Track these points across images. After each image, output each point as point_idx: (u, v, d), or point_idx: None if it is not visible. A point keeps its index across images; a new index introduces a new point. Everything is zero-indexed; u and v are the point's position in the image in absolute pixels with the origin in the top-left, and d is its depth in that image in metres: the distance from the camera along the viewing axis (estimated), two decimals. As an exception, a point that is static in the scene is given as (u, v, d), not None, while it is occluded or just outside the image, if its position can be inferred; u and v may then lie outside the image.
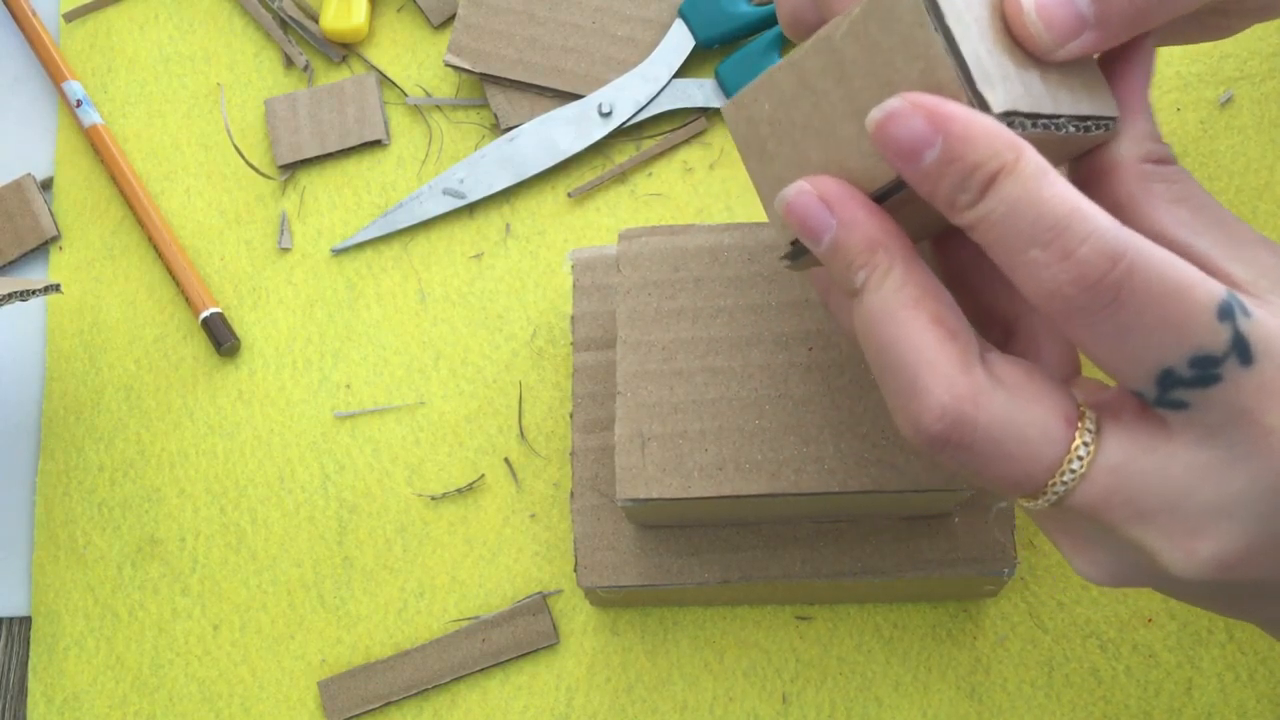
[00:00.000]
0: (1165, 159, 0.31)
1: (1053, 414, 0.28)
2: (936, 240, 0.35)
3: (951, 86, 0.27)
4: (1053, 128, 0.29)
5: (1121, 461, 0.28)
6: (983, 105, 0.27)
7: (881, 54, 0.28)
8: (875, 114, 0.27)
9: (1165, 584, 0.30)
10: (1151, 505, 0.28)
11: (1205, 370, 0.27)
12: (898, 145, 0.27)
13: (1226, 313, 0.27)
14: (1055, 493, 0.29)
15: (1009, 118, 0.28)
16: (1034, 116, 0.29)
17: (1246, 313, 0.27)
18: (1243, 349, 0.27)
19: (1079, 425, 0.29)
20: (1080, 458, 0.28)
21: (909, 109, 0.27)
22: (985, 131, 0.27)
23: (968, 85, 0.27)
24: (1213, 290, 0.27)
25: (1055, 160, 0.29)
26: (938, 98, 0.27)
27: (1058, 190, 0.27)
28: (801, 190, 0.30)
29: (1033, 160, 0.27)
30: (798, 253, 0.32)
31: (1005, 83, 0.28)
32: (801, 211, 0.29)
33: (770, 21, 0.51)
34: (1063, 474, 0.28)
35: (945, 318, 0.29)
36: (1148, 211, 0.30)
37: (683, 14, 0.52)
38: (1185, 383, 0.27)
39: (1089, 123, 0.30)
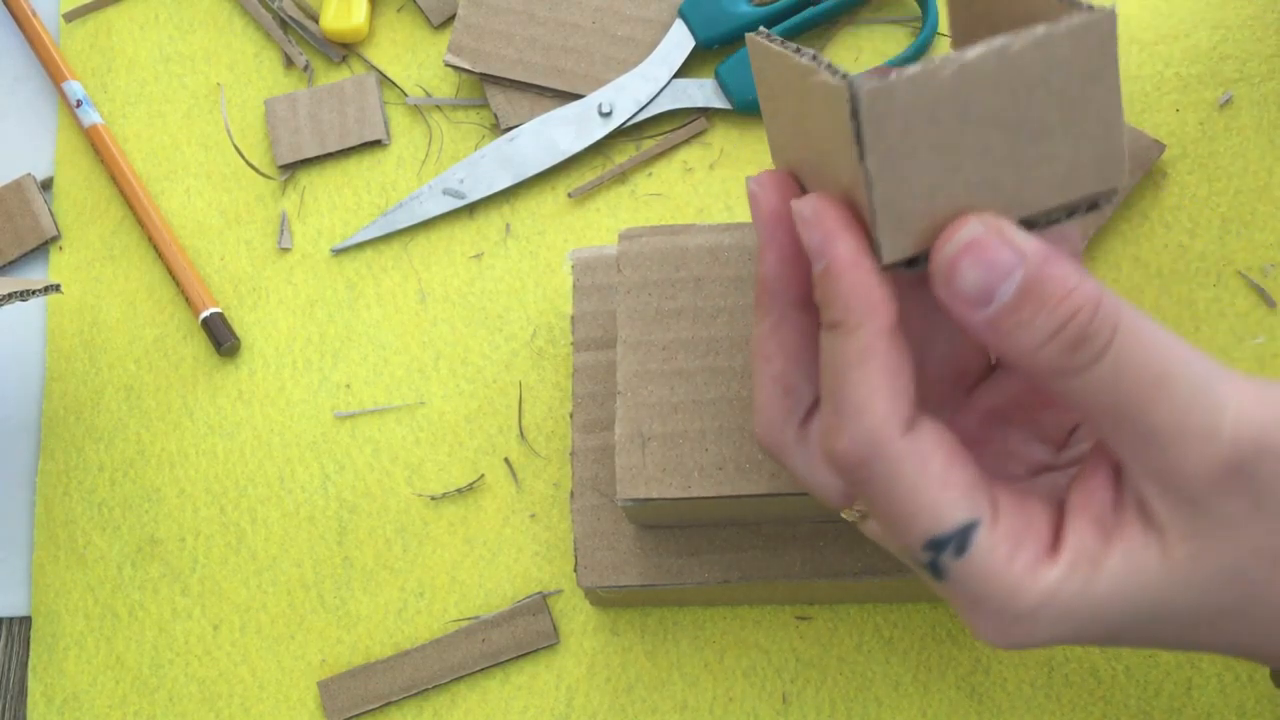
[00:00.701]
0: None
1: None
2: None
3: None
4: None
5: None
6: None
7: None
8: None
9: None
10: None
11: (935, 555, 0.30)
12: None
13: (935, 546, 0.29)
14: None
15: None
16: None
17: (960, 552, 0.29)
18: (937, 571, 0.29)
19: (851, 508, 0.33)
20: (860, 513, 0.33)
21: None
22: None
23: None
24: (931, 527, 0.29)
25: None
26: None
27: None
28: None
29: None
30: (908, 265, 0.30)
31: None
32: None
33: (770, 22, 0.51)
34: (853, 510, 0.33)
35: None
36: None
37: (683, 14, 0.52)
38: (922, 565, 0.30)
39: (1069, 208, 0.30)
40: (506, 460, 0.49)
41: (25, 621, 0.50)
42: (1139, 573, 0.29)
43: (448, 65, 0.52)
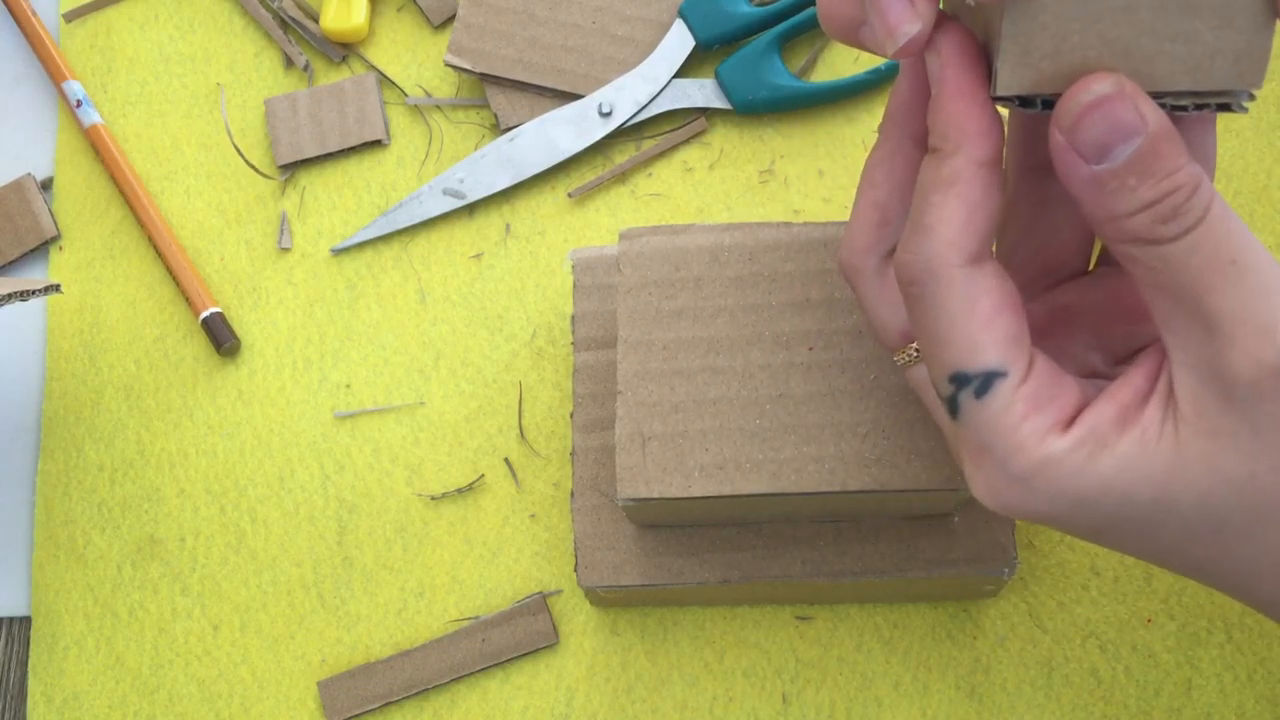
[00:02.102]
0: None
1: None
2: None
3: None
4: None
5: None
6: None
7: None
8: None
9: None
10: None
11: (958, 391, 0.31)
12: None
13: (959, 380, 0.30)
14: (908, 356, 0.33)
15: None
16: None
17: (980, 395, 0.30)
18: (954, 408, 0.30)
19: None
20: (913, 356, 0.33)
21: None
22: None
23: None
24: (959, 361, 0.30)
25: None
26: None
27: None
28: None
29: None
30: (1023, 104, 0.30)
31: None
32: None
33: (770, 21, 0.51)
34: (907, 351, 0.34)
35: (885, 205, 0.33)
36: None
37: (683, 14, 0.52)
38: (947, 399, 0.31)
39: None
40: (506, 460, 0.49)
41: (25, 621, 0.50)
42: (1147, 459, 0.29)
43: (448, 65, 0.53)
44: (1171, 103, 0.29)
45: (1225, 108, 0.29)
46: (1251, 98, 0.29)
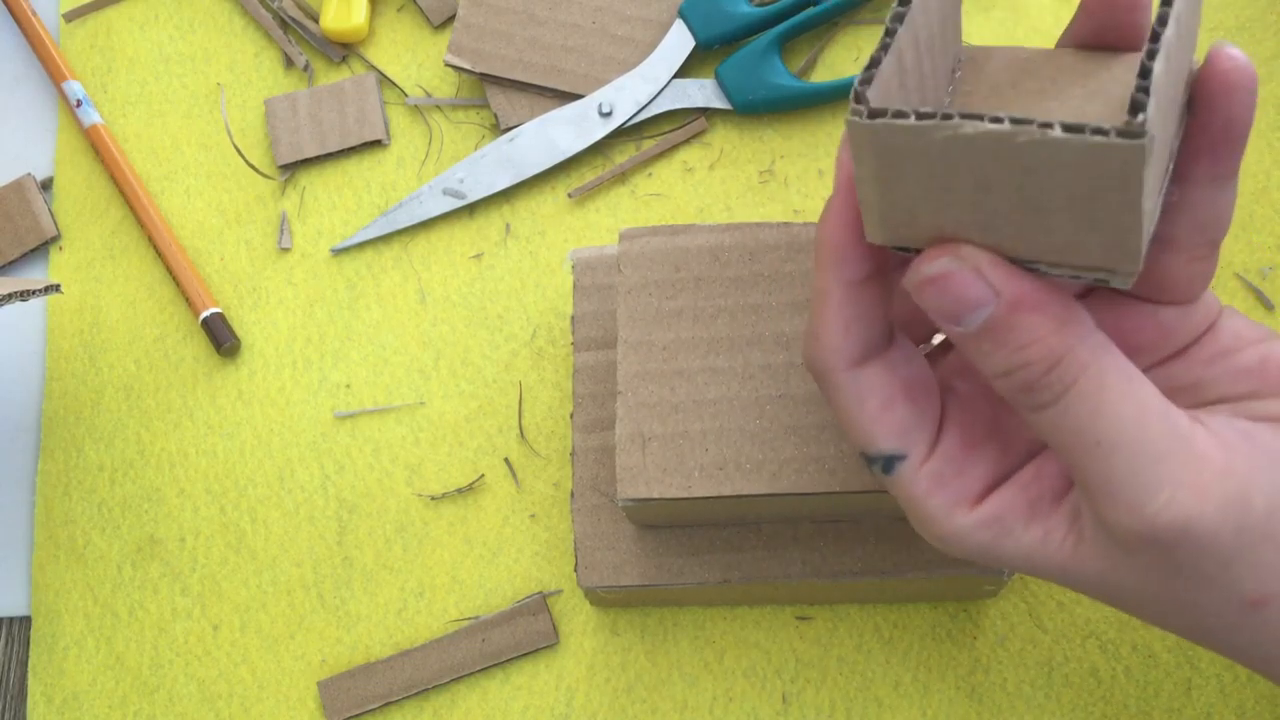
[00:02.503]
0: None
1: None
2: None
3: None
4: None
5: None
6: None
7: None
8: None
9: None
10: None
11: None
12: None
13: (867, 458, 0.33)
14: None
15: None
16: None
17: (886, 471, 0.32)
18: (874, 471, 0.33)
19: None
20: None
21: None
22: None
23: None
24: (862, 445, 0.32)
25: None
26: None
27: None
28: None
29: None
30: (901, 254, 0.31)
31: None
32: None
33: (770, 21, 0.52)
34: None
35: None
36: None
37: (683, 14, 0.52)
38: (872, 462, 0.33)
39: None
40: (506, 460, 0.49)
41: (25, 621, 0.50)
42: (1048, 554, 0.31)
43: (448, 65, 0.53)
44: (1045, 269, 0.28)
45: (1104, 282, 0.28)
46: (1132, 276, 0.27)
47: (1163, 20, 0.25)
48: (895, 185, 0.27)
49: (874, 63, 0.27)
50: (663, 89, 0.52)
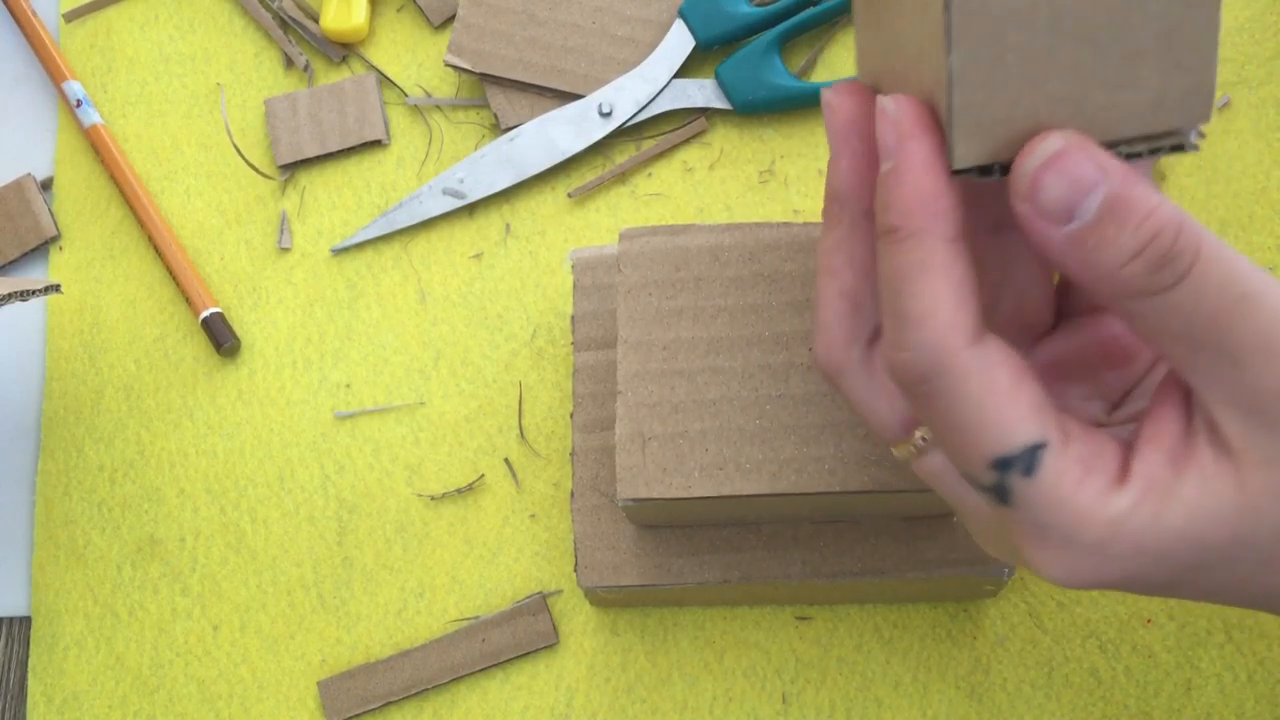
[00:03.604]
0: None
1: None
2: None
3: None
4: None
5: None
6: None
7: None
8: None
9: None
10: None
11: (1001, 478, 0.29)
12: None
13: (1002, 465, 0.28)
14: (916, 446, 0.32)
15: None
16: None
17: (1028, 473, 0.28)
18: (1003, 494, 0.29)
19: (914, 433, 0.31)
20: (919, 446, 0.31)
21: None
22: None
23: None
24: (997, 445, 0.28)
25: None
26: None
27: (919, 288, 0.29)
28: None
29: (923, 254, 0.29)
30: (980, 173, 0.29)
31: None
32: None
33: (770, 21, 0.51)
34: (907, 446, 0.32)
35: (853, 291, 0.30)
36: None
37: (683, 14, 0.52)
38: (987, 488, 0.29)
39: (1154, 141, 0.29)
40: (506, 460, 0.49)
41: (25, 621, 0.50)
42: (1214, 501, 0.28)
43: (448, 65, 0.53)
44: (1125, 150, 0.28)
45: (1179, 148, 0.28)
46: (1201, 135, 0.28)
47: None
48: (996, 68, 0.27)
49: None
50: (663, 89, 0.52)
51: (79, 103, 0.55)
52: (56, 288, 0.48)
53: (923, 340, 0.28)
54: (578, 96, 0.52)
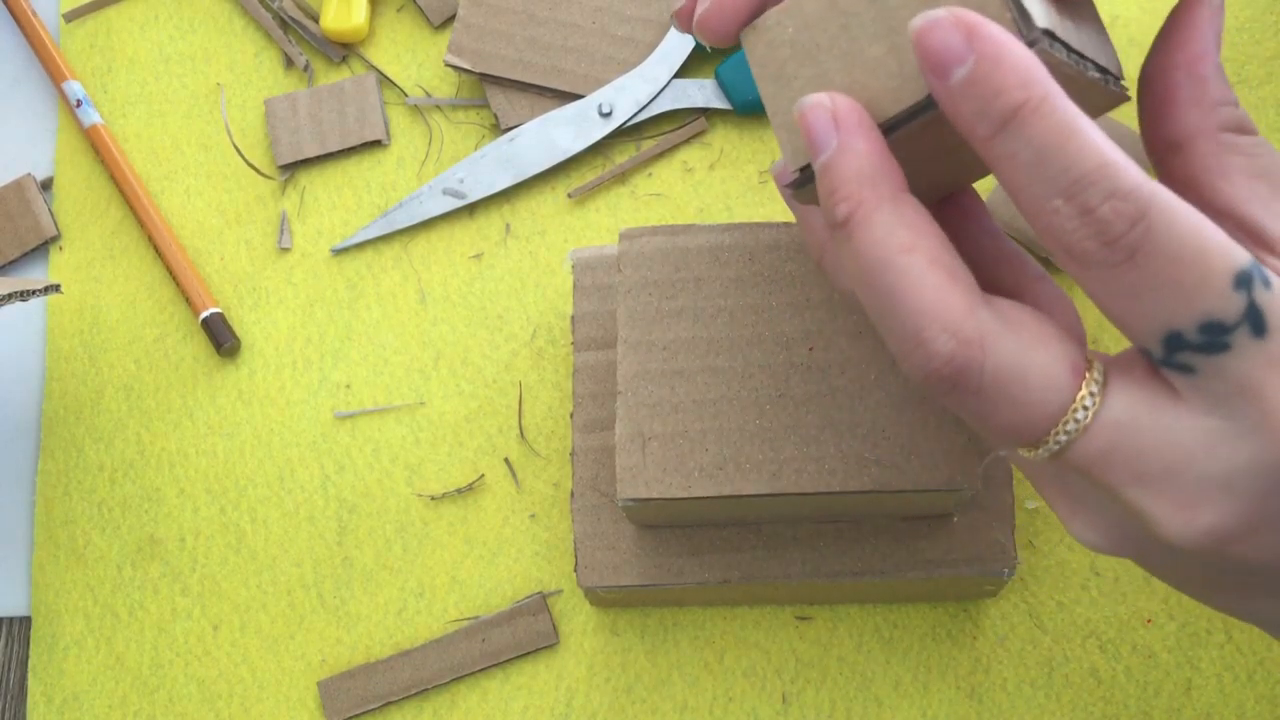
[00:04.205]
0: (1245, 127, 0.30)
1: (1060, 361, 0.28)
2: (938, 208, 0.34)
3: (994, 2, 0.27)
4: (1081, 66, 0.29)
5: (1126, 419, 0.27)
6: (1024, 16, 0.27)
7: None
8: (917, 21, 0.27)
9: (1155, 556, 0.30)
10: (1152, 468, 0.27)
11: (1214, 337, 0.26)
12: (933, 56, 0.26)
13: (1243, 282, 0.26)
14: (1057, 442, 0.28)
15: (1048, 38, 0.27)
16: (1067, 47, 0.28)
17: (1267, 284, 0.26)
18: (1256, 320, 0.26)
19: (1086, 376, 0.28)
20: (1085, 408, 0.28)
21: (950, 20, 0.26)
22: (1017, 61, 0.26)
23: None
24: (1234, 258, 0.26)
25: None
26: (981, 18, 0.26)
27: (1088, 140, 0.26)
28: (818, 102, 0.29)
29: (1063, 105, 0.26)
30: (804, 180, 0.31)
31: (1042, 6, 0.28)
32: (810, 121, 0.29)
33: (770, 22, 0.51)
34: (1066, 423, 0.28)
35: (942, 258, 0.28)
36: (1223, 186, 0.30)
37: (683, 14, 0.52)
38: (1192, 347, 0.26)
39: (1108, 76, 0.30)
40: (506, 460, 0.49)
41: (25, 621, 0.50)
42: None
43: (448, 65, 0.53)
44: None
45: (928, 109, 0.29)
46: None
47: None
48: (789, 86, 0.31)
49: None
50: (663, 89, 0.52)
51: (79, 103, 0.55)
52: (56, 288, 0.48)
53: (1128, 179, 0.26)
54: (578, 96, 0.52)
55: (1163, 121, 0.31)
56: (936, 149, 0.30)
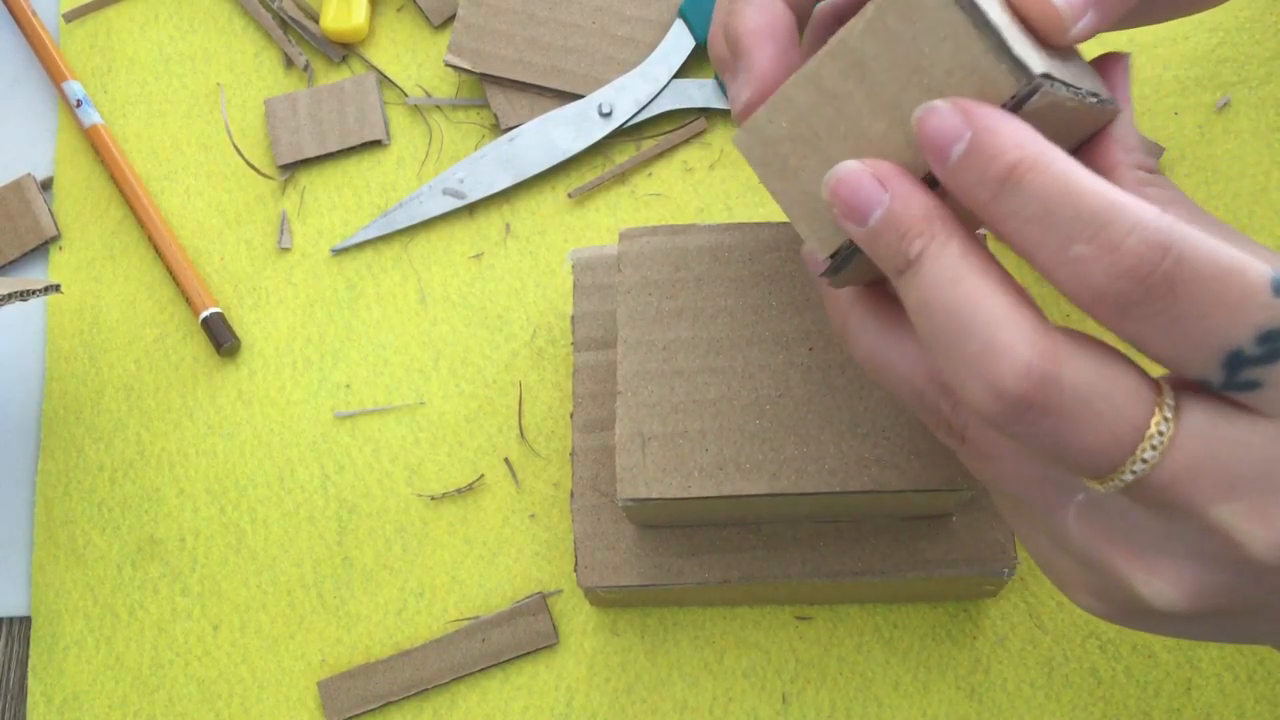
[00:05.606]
0: (1153, 170, 0.31)
1: (1136, 375, 0.27)
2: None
3: (986, 59, 0.27)
4: (1081, 96, 0.29)
5: (1208, 430, 0.27)
6: (1021, 69, 0.27)
7: (904, 44, 0.28)
8: (918, 111, 0.27)
9: (1242, 591, 0.29)
10: (1241, 477, 0.27)
11: (1274, 345, 0.26)
12: (932, 139, 0.27)
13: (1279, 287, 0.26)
14: (1143, 461, 0.27)
15: (1048, 80, 0.28)
16: (1065, 84, 0.29)
17: None
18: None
19: (1159, 394, 0.27)
20: (1166, 419, 0.27)
21: (948, 106, 0.27)
22: (1011, 128, 0.27)
23: (1005, 53, 0.27)
24: (1261, 267, 0.26)
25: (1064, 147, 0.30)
26: (977, 101, 0.27)
27: (1092, 183, 0.26)
28: (853, 169, 0.29)
29: (1058, 157, 0.26)
30: (840, 264, 0.31)
31: (1035, 52, 0.28)
32: (852, 186, 0.28)
33: (770, 22, 0.51)
34: (1150, 439, 0.27)
35: (1013, 284, 0.27)
36: None
37: (683, 14, 0.52)
38: (1254, 361, 0.26)
39: (1100, 99, 0.31)
40: (506, 460, 0.49)
41: (25, 621, 0.50)
42: None
43: (448, 65, 0.53)
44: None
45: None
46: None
47: None
48: (795, 179, 0.31)
49: None
50: (663, 89, 0.52)
51: (79, 103, 0.55)
52: (56, 288, 0.48)
53: (1145, 211, 0.26)
54: (578, 96, 0.52)
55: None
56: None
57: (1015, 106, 0.28)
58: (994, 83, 0.28)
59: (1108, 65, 0.33)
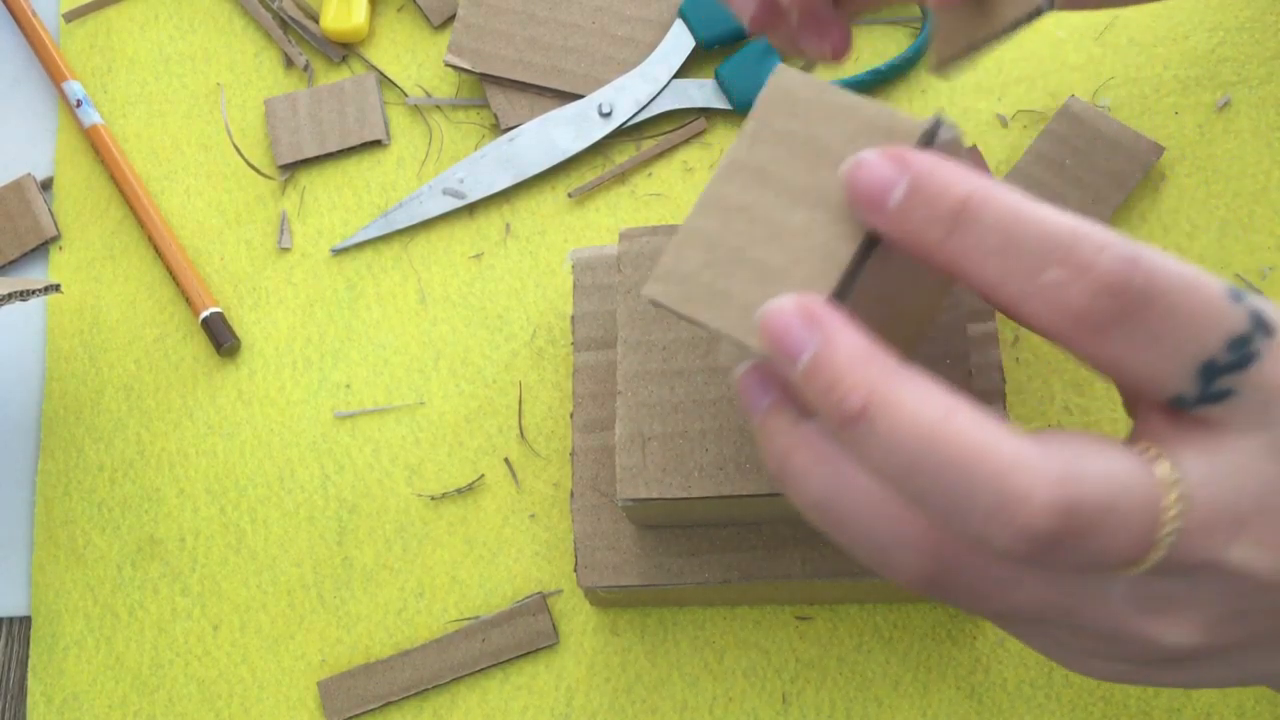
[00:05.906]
0: None
1: (1128, 454, 0.26)
2: None
3: (882, 114, 0.29)
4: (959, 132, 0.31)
5: (1208, 470, 0.26)
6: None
7: (798, 137, 0.29)
8: (846, 165, 0.28)
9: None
10: (1244, 510, 0.26)
11: (1242, 351, 0.26)
12: (864, 191, 0.27)
13: (1235, 294, 0.26)
14: (1174, 531, 0.26)
15: (941, 114, 0.30)
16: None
17: (1243, 289, 0.27)
18: (1260, 322, 0.26)
19: (1150, 455, 0.27)
20: (1175, 482, 0.26)
21: (877, 156, 0.27)
22: (952, 167, 0.27)
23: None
24: (1215, 278, 0.26)
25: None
26: (902, 147, 0.28)
27: (1044, 209, 0.26)
28: (780, 308, 0.27)
29: (1003, 185, 0.26)
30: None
31: None
32: (780, 329, 0.27)
33: (770, 22, 0.52)
34: (1169, 510, 0.26)
35: (979, 411, 0.26)
36: None
37: (683, 14, 0.52)
38: (1226, 369, 0.26)
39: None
40: (506, 460, 0.49)
41: (25, 621, 0.50)
42: None
43: (448, 65, 0.53)
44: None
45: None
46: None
47: None
48: (718, 297, 0.31)
49: None
50: (663, 89, 0.52)
51: (79, 103, 0.55)
52: (56, 288, 0.48)
53: (1105, 231, 0.26)
54: (578, 96, 0.52)
55: None
56: (892, 293, 0.31)
57: (926, 145, 0.28)
58: (897, 131, 0.28)
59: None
